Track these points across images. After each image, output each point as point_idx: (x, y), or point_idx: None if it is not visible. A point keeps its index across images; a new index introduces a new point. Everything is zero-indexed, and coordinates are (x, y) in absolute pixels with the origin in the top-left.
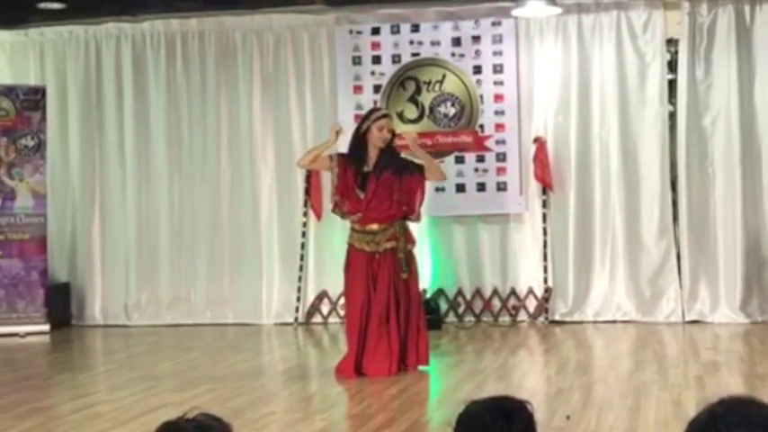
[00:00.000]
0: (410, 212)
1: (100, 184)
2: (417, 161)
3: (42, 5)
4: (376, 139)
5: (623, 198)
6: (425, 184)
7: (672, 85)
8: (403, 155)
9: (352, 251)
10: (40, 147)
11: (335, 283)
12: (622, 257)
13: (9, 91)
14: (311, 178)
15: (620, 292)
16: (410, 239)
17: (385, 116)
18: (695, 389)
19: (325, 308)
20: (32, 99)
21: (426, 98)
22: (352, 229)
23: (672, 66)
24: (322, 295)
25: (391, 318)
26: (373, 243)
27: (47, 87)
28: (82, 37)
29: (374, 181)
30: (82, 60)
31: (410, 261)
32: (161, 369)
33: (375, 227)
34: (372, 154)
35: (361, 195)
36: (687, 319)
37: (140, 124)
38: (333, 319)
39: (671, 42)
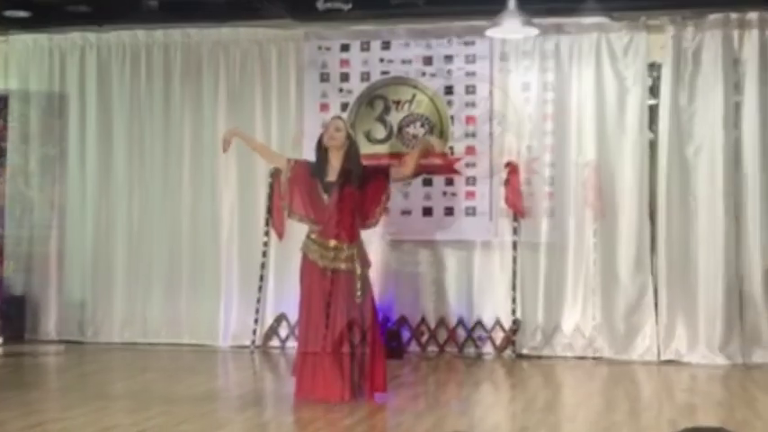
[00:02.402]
0: (368, 218)
1: (59, 195)
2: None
3: (8, 13)
4: (325, 138)
5: (599, 228)
6: (389, 188)
7: (653, 111)
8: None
9: (305, 262)
10: (0, 155)
11: (295, 306)
12: (596, 291)
13: None
14: (273, 197)
15: (592, 328)
16: (366, 262)
17: (334, 118)
18: None
19: (283, 331)
20: None
21: (395, 118)
22: (309, 238)
23: (654, 91)
24: (280, 318)
25: (345, 342)
26: (327, 258)
27: (8, 96)
28: (46, 46)
29: (336, 193)
30: (46, 69)
31: (365, 284)
32: (114, 389)
33: (333, 243)
34: (335, 163)
35: (326, 201)
36: (663, 358)
37: (102, 136)
38: (291, 344)
39: (653, 67)
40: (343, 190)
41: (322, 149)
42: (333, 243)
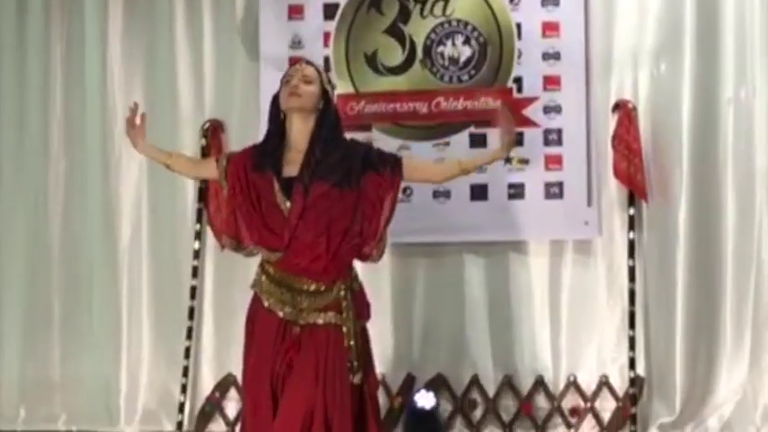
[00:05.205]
0: (366, 243)
1: None
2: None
3: None
4: (283, 97)
5: None
6: (395, 195)
7: None
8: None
9: (256, 308)
10: None
11: None
12: None
13: None
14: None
15: None
16: (362, 311)
17: (300, 63)
18: None
19: (231, 406)
20: None
21: (419, 29)
22: (263, 270)
23: None
24: (226, 383)
25: None
26: (292, 307)
27: None
28: None
29: (300, 195)
30: None
31: (363, 349)
32: None
33: (303, 282)
34: (300, 142)
35: (286, 209)
36: None
37: None
38: None
39: None
40: (311, 187)
41: (279, 118)
42: (302, 282)
